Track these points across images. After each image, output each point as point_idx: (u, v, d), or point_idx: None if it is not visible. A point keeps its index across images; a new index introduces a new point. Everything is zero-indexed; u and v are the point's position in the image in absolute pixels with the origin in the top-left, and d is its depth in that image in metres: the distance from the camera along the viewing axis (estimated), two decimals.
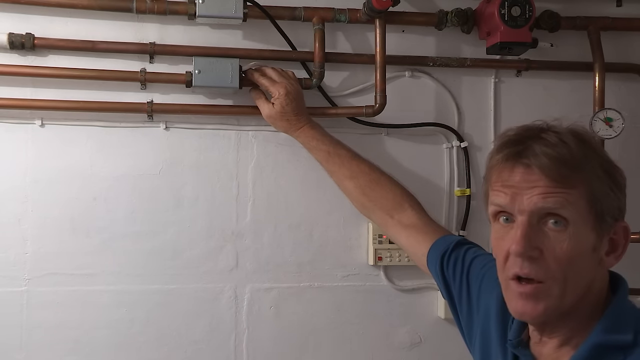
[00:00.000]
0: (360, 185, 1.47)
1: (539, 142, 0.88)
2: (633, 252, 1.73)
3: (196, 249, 1.63)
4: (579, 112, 1.75)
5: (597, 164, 0.89)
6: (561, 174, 0.87)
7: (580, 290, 0.90)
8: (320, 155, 1.52)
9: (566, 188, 0.87)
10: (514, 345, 0.98)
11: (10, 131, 1.56)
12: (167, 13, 1.55)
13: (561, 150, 0.87)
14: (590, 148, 0.90)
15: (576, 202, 0.87)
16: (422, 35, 1.71)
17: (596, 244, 0.89)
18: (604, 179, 0.89)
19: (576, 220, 0.87)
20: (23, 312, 1.56)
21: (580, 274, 0.90)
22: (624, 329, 0.88)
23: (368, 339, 1.70)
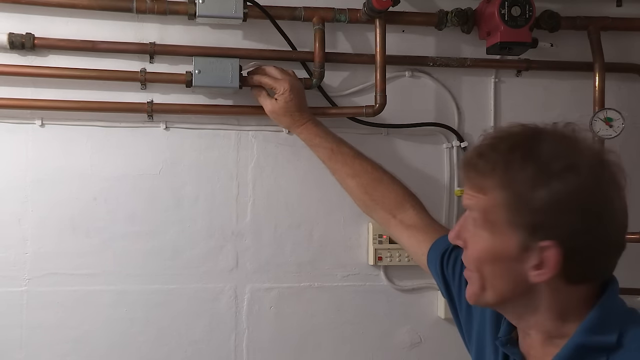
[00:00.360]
0: (363, 184, 1.47)
1: (475, 146, 0.93)
2: (633, 252, 1.74)
3: (196, 248, 1.63)
4: (579, 112, 1.75)
5: (514, 179, 0.85)
6: (470, 178, 0.91)
7: (506, 292, 0.91)
8: (323, 153, 1.52)
9: (477, 192, 0.90)
10: (502, 343, 0.99)
11: (10, 131, 1.56)
12: (167, 13, 1.55)
13: (474, 157, 0.91)
14: (515, 161, 0.86)
15: (487, 207, 0.89)
16: (422, 35, 1.71)
17: (517, 254, 0.87)
18: (516, 194, 0.85)
19: (485, 224, 0.89)
20: (23, 312, 1.56)
21: (500, 277, 0.90)
22: (609, 330, 0.87)
23: (368, 339, 1.70)
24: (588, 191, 0.84)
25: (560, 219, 0.84)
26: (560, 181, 0.83)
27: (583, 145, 0.87)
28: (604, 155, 0.88)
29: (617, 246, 0.90)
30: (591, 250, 0.86)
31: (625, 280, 1.76)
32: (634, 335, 0.87)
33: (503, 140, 0.89)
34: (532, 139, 0.88)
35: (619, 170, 0.89)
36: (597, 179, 0.85)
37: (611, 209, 0.86)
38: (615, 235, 0.88)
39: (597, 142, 0.92)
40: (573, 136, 0.89)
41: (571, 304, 0.90)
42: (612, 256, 0.90)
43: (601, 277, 0.91)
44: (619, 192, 0.87)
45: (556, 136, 0.88)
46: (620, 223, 0.88)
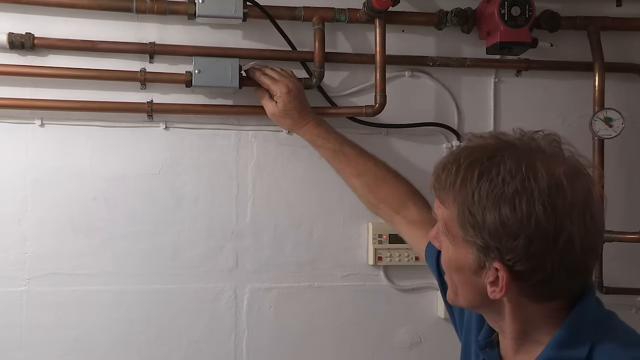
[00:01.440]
0: (367, 183, 1.48)
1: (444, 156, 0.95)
2: (633, 252, 1.75)
3: (196, 248, 1.63)
4: (579, 112, 1.75)
5: (468, 198, 0.86)
6: (435, 188, 0.93)
7: (473, 301, 0.92)
8: (327, 154, 1.53)
9: (441, 203, 0.92)
10: (481, 346, 1.01)
11: (10, 131, 1.56)
12: (167, 13, 1.55)
13: (439, 168, 0.92)
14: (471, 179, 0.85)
15: (447, 219, 0.90)
16: (422, 35, 1.71)
17: (475, 269, 0.88)
18: (467, 214, 0.86)
19: (448, 235, 0.91)
20: (23, 311, 1.56)
21: (465, 286, 0.92)
22: (580, 343, 0.87)
23: (368, 339, 1.70)
24: (537, 219, 0.82)
25: (507, 244, 0.83)
26: (510, 206, 0.82)
27: (543, 167, 0.84)
28: (565, 178, 0.84)
29: (578, 269, 0.86)
30: (545, 274, 0.84)
31: (626, 280, 1.77)
32: (603, 350, 0.86)
33: (467, 155, 0.89)
34: (493, 156, 0.86)
35: (588, 191, 0.86)
36: (550, 206, 0.82)
37: (567, 236, 0.83)
38: (574, 260, 0.84)
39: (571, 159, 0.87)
40: (538, 154, 0.86)
41: (539, 318, 0.90)
42: (573, 278, 0.87)
43: (566, 295, 0.89)
44: (582, 217, 0.84)
45: (518, 155, 0.86)
46: (582, 247, 0.84)
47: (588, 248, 0.85)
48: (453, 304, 0.97)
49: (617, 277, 1.71)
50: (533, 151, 0.87)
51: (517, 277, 0.85)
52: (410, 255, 1.67)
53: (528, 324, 0.91)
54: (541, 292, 0.87)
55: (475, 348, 1.02)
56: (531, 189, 0.82)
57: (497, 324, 0.95)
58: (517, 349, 0.94)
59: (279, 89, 1.51)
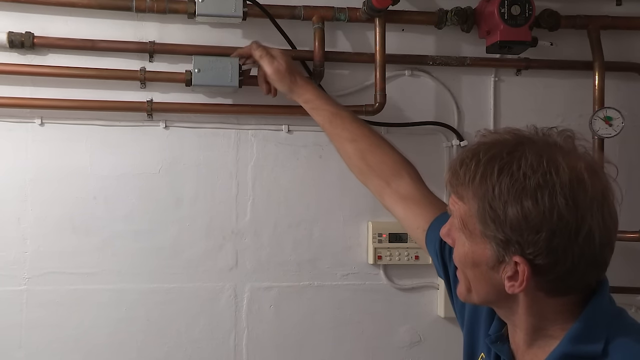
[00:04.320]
0: (360, 148, 1.42)
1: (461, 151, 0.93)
2: (633, 251, 1.75)
3: (196, 248, 1.63)
4: (579, 111, 1.75)
5: (488, 192, 0.85)
6: (452, 184, 0.91)
7: (488, 296, 0.92)
8: (324, 116, 1.47)
9: (458, 199, 0.91)
10: (492, 340, 1.00)
11: (10, 130, 1.56)
12: (167, 12, 1.55)
13: (457, 164, 0.90)
14: (491, 174, 0.85)
15: (465, 216, 0.90)
16: (422, 34, 1.71)
17: (492, 264, 0.88)
18: (487, 208, 0.85)
19: (464, 231, 0.90)
20: (23, 311, 1.56)
21: (480, 281, 0.91)
22: (595, 338, 0.87)
23: (367, 338, 1.70)
24: (560, 212, 0.82)
25: (529, 238, 0.83)
26: (532, 200, 0.83)
27: (564, 161, 0.85)
28: (586, 172, 0.85)
29: (596, 263, 0.87)
30: (565, 268, 0.84)
31: (625, 279, 1.77)
32: (619, 345, 0.86)
33: (485, 150, 0.89)
34: (513, 151, 0.86)
35: (605, 185, 0.88)
36: (572, 200, 0.83)
37: (587, 229, 0.83)
38: (592, 254, 0.85)
39: (587, 154, 0.89)
40: (557, 149, 0.87)
41: (553, 313, 0.90)
42: (590, 273, 0.88)
43: (582, 290, 0.90)
44: (601, 211, 0.85)
45: (537, 150, 0.86)
46: (600, 241, 0.85)
47: (606, 242, 0.86)
48: (465, 300, 0.96)
49: (617, 276, 1.70)
50: (551, 147, 0.88)
51: (536, 272, 0.84)
52: (410, 254, 1.68)
53: (542, 319, 0.91)
54: (558, 287, 0.87)
55: (487, 342, 1.01)
56: (553, 182, 0.83)
57: (510, 319, 0.95)
58: (530, 343, 0.93)
59: (274, 50, 1.50)
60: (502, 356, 0.98)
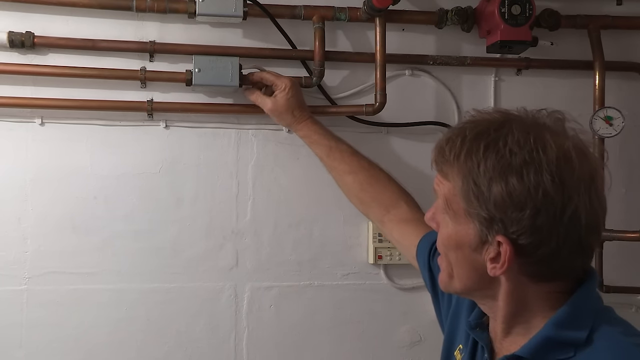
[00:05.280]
0: (360, 180, 1.47)
1: (448, 129, 0.92)
2: (633, 250, 1.75)
3: (196, 247, 1.63)
4: (579, 110, 1.74)
5: (473, 169, 0.84)
6: (437, 162, 0.90)
7: (470, 282, 0.90)
8: (322, 150, 1.52)
9: (443, 178, 0.90)
10: (471, 326, 0.99)
11: (10, 130, 1.56)
12: (167, 11, 1.55)
13: (443, 141, 0.89)
14: (477, 151, 0.84)
15: (449, 194, 0.88)
16: (422, 33, 1.71)
17: (475, 245, 0.86)
18: (471, 185, 0.84)
19: (448, 211, 0.89)
20: (23, 310, 1.56)
21: (462, 265, 0.90)
22: (579, 326, 0.85)
23: (368, 338, 1.70)
24: (545, 190, 0.81)
25: (513, 215, 0.82)
26: (517, 177, 0.81)
27: (552, 139, 0.83)
28: (574, 151, 0.83)
29: (581, 248, 0.85)
30: (549, 250, 0.83)
31: (626, 279, 1.77)
32: (604, 333, 0.85)
33: (472, 127, 0.87)
34: (500, 128, 0.85)
35: (594, 168, 0.85)
36: (558, 177, 0.81)
37: (573, 209, 0.82)
38: (578, 236, 0.83)
39: (576, 136, 0.88)
40: (545, 128, 0.86)
41: (535, 301, 0.88)
42: (576, 257, 0.86)
43: (566, 276, 0.88)
44: (588, 192, 0.83)
45: (525, 127, 0.85)
46: (587, 224, 0.83)
47: (592, 225, 0.84)
48: (446, 288, 0.95)
49: (617, 275, 1.71)
50: (539, 125, 0.87)
51: (520, 252, 0.83)
52: None
53: (523, 307, 0.89)
54: (542, 271, 0.86)
55: (466, 328, 1.00)
56: (539, 159, 0.81)
57: (490, 307, 0.94)
58: (507, 331, 0.92)
59: (282, 82, 1.52)
60: (480, 342, 0.97)
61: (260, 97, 1.56)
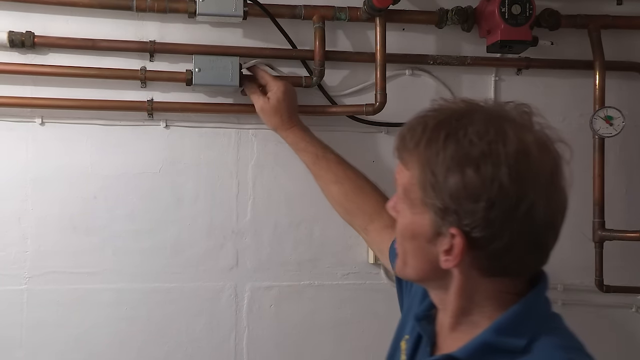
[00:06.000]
0: (345, 190, 1.47)
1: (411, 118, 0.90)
2: (633, 250, 1.75)
3: (196, 247, 1.63)
4: (579, 110, 1.75)
5: (432, 158, 0.83)
6: (398, 150, 0.89)
7: (422, 272, 0.90)
8: (308, 158, 1.52)
9: (403, 167, 0.89)
10: (418, 318, 0.99)
11: (10, 129, 1.56)
12: (167, 11, 1.55)
13: (405, 129, 0.89)
14: (437, 140, 0.83)
15: (407, 183, 0.88)
16: (423, 33, 1.71)
17: (430, 236, 0.85)
18: (429, 174, 0.83)
19: (406, 200, 0.89)
20: (23, 310, 1.56)
21: (416, 255, 0.89)
22: (520, 333, 0.84)
23: (368, 338, 1.70)
24: (501, 183, 0.79)
25: (467, 207, 0.81)
26: (474, 168, 0.80)
27: (513, 132, 0.82)
28: (535, 146, 0.82)
29: (536, 246, 0.84)
30: (502, 244, 0.81)
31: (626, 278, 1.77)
32: (542, 344, 0.83)
33: (434, 116, 0.87)
34: (461, 118, 0.84)
35: (555, 164, 0.84)
36: (515, 171, 0.80)
37: (529, 204, 0.80)
38: (533, 233, 0.82)
39: (541, 131, 0.86)
40: (508, 121, 0.84)
41: (484, 298, 0.88)
42: (529, 254, 0.84)
43: (518, 274, 0.87)
44: (546, 189, 0.82)
45: (487, 118, 0.84)
46: (543, 221, 0.82)
47: (549, 223, 0.83)
48: (400, 274, 0.94)
49: (617, 275, 1.71)
50: (503, 117, 0.85)
51: (472, 246, 0.82)
52: None
53: (472, 303, 0.88)
54: (494, 265, 0.84)
55: (412, 319, 1.00)
56: (498, 152, 0.80)
57: (441, 299, 0.93)
58: (454, 327, 0.91)
59: (276, 84, 1.52)
60: (423, 336, 0.97)
61: (255, 94, 1.56)
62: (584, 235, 1.68)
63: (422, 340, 0.98)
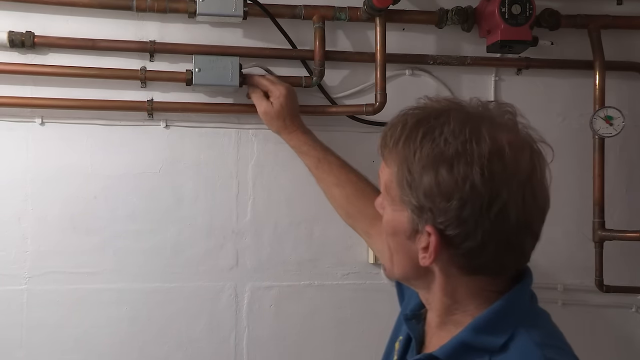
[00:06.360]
0: (347, 194, 1.47)
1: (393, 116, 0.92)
2: (633, 250, 1.75)
3: (196, 247, 1.63)
4: (579, 110, 1.75)
5: (409, 157, 0.84)
6: (380, 147, 0.91)
7: (406, 270, 0.91)
8: (311, 161, 1.52)
9: (385, 164, 0.90)
10: (407, 318, 0.99)
11: (10, 129, 1.56)
12: (167, 11, 1.55)
13: (387, 127, 0.90)
14: (415, 139, 0.84)
15: (387, 180, 0.89)
16: (423, 33, 1.71)
17: (409, 233, 0.87)
18: (405, 172, 0.85)
19: (387, 197, 0.90)
20: (23, 310, 1.56)
21: (399, 252, 0.90)
22: (499, 331, 0.85)
23: (368, 338, 1.70)
24: (473, 182, 0.80)
25: (440, 205, 0.82)
26: (447, 167, 0.81)
27: (487, 132, 0.82)
28: (509, 146, 0.82)
29: (510, 246, 0.84)
30: (475, 243, 0.82)
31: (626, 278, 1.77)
32: (519, 341, 0.83)
33: (414, 114, 0.88)
34: (439, 117, 0.85)
35: (533, 165, 0.84)
36: (488, 171, 0.80)
37: (501, 205, 0.81)
38: (505, 233, 0.82)
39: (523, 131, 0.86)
40: (485, 120, 0.85)
41: (466, 296, 0.88)
42: (504, 254, 0.84)
43: (496, 273, 0.87)
44: (522, 189, 0.82)
45: (464, 117, 0.85)
46: (517, 222, 0.82)
47: (524, 223, 0.83)
48: (389, 274, 0.95)
49: (617, 275, 1.71)
50: (481, 117, 0.86)
51: (447, 243, 0.83)
52: None
53: (454, 300, 0.89)
54: (470, 264, 0.85)
55: (402, 319, 1.01)
56: (471, 151, 0.81)
57: (426, 298, 0.94)
58: (440, 326, 0.92)
59: (278, 89, 1.52)
60: (411, 334, 0.97)
61: (258, 97, 1.56)
62: (584, 235, 1.68)
63: (412, 340, 0.99)
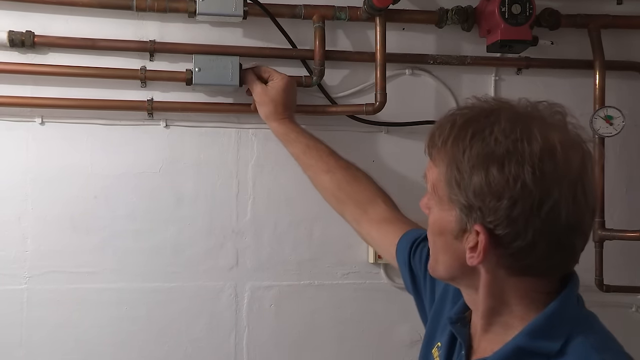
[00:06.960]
0: (337, 179, 1.45)
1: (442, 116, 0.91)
2: (633, 250, 1.75)
3: (196, 247, 1.63)
4: (579, 110, 1.74)
5: (458, 156, 0.84)
6: (428, 147, 0.91)
7: (452, 269, 0.91)
8: (299, 148, 1.50)
9: (432, 163, 0.90)
10: (452, 321, 0.98)
11: (10, 129, 1.56)
12: (167, 11, 1.55)
13: (435, 127, 0.90)
14: (464, 138, 0.84)
15: (435, 179, 0.89)
16: (423, 33, 1.71)
17: (456, 233, 0.86)
18: (454, 171, 0.84)
19: (434, 196, 0.90)
20: (23, 310, 1.56)
21: (445, 251, 0.90)
22: (555, 335, 0.84)
23: (368, 337, 1.70)
24: (524, 181, 0.80)
25: (490, 204, 0.81)
26: (498, 166, 0.81)
27: (539, 131, 0.82)
28: (561, 145, 0.82)
29: (561, 246, 0.84)
30: (525, 243, 0.82)
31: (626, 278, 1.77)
32: (577, 345, 0.83)
33: (463, 114, 0.88)
34: (489, 116, 0.85)
35: (584, 165, 0.84)
36: (539, 170, 0.80)
37: (552, 204, 0.80)
38: (556, 233, 0.82)
39: (573, 132, 0.86)
40: (536, 120, 0.85)
41: (514, 298, 0.88)
42: (554, 254, 0.84)
43: (545, 274, 0.87)
44: (572, 189, 0.82)
45: (514, 116, 0.84)
46: (567, 222, 0.82)
47: (574, 223, 0.83)
48: (433, 273, 0.95)
49: (618, 275, 1.71)
50: (531, 117, 0.86)
51: (496, 243, 0.83)
52: None
53: (501, 302, 0.88)
54: (519, 264, 0.84)
55: (447, 322, 0.99)
56: (522, 150, 0.81)
57: (472, 299, 0.93)
58: (486, 328, 0.91)
59: (280, 76, 1.53)
60: (458, 338, 0.96)
61: (254, 80, 1.55)
62: None
63: (455, 344, 0.98)
